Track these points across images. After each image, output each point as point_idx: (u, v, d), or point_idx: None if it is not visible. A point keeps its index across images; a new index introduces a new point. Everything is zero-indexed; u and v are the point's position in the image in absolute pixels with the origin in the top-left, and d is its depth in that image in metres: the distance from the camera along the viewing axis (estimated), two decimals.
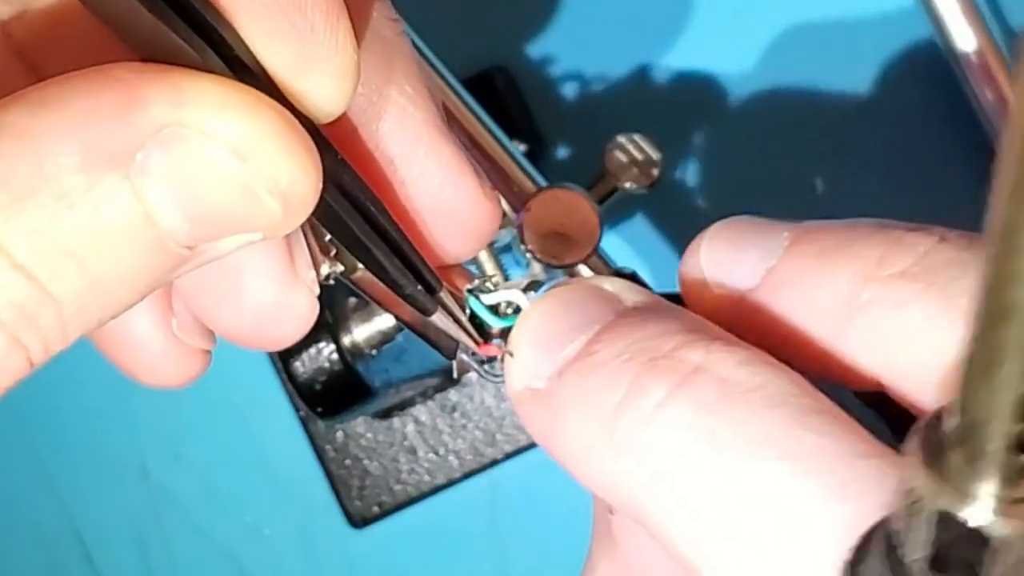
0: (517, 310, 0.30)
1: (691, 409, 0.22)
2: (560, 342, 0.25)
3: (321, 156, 0.23)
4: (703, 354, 0.23)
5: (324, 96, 0.23)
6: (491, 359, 0.31)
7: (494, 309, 0.30)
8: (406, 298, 0.28)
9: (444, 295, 0.29)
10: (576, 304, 0.25)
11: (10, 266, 0.21)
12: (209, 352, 0.29)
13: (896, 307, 0.23)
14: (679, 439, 0.22)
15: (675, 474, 0.22)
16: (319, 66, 0.23)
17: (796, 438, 0.22)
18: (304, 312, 0.28)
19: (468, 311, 0.30)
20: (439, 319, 0.29)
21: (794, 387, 0.22)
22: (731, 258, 0.26)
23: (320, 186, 0.23)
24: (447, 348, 0.30)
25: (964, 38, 0.64)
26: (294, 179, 0.22)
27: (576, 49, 0.74)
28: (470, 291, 0.30)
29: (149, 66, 0.22)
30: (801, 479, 0.21)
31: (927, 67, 0.68)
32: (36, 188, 0.20)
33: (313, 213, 0.23)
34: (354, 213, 0.25)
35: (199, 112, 0.21)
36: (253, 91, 0.22)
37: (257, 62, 0.23)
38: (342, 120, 0.25)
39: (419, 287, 0.28)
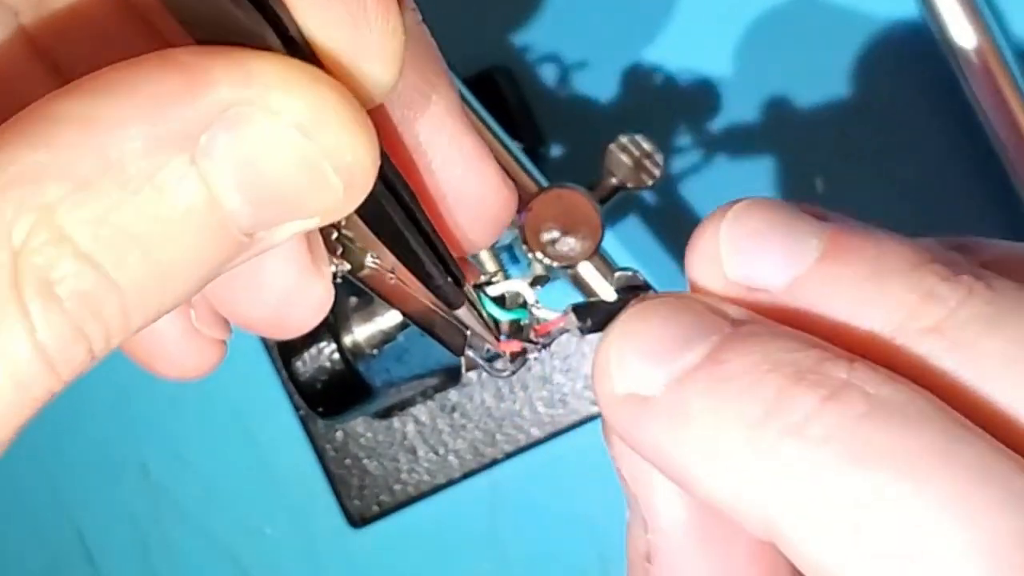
0: (524, 304, 0.30)
1: (841, 423, 0.22)
2: (673, 351, 0.25)
3: None
4: (847, 370, 0.23)
5: (374, 81, 0.23)
6: (497, 356, 0.31)
7: (500, 302, 0.30)
8: (436, 290, 0.28)
9: (468, 288, 0.29)
10: (685, 314, 0.25)
11: (74, 255, 0.20)
12: (225, 343, 0.28)
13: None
14: (828, 452, 0.22)
15: (820, 489, 0.22)
16: (370, 51, 0.23)
17: (948, 457, 0.21)
18: (322, 300, 0.28)
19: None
20: (464, 312, 0.29)
21: (936, 406, 0.22)
22: (753, 250, 0.26)
23: (379, 163, 0.23)
24: (455, 345, 0.30)
25: (964, 37, 0.65)
26: (356, 156, 0.22)
27: (577, 49, 0.74)
28: (476, 286, 0.30)
29: (210, 48, 0.21)
30: (952, 502, 0.21)
31: (927, 67, 0.68)
32: (100, 176, 0.20)
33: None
34: (392, 201, 0.25)
35: (264, 90, 0.21)
36: (315, 68, 0.22)
37: (310, 45, 0.22)
38: (377, 107, 0.25)
39: (448, 279, 0.28)
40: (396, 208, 0.25)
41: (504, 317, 0.30)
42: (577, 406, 0.72)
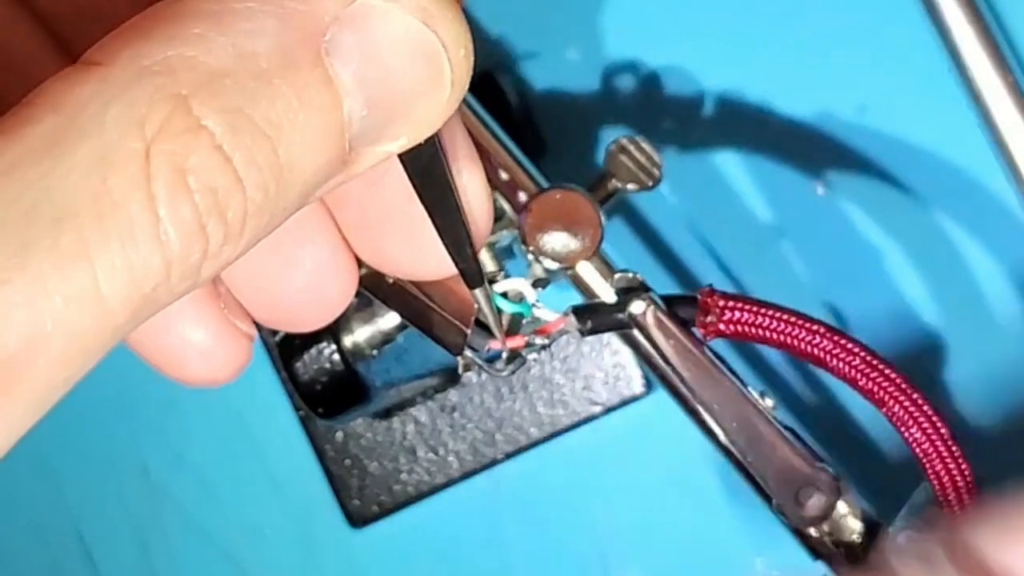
0: (521, 299, 0.30)
1: None
2: None
3: None
4: None
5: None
6: (496, 356, 0.31)
7: (504, 296, 0.30)
8: (464, 267, 0.28)
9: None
10: None
11: (210, 146, 0.20)
12: (252, 344, 0.28)
13: None
14: None
15: None
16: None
17: None
18: (348, 287, 0.28)
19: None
20: (481, 294, 0.29)
21: None
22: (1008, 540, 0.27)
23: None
24: (454, 345, 0.31)
25: (966, 37, 0.65)
26: (468, 50, 0.22)
27: (577, 49, 0.74)
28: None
29: None
30: None
31: (928, 67, 0.68)
32: (235, 67, 0.20)
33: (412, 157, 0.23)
34: (444, 169, 0.25)
35: None
36: None
37: None
38: None
39: (474, 256, 0.28)
40: (444, 167, 0.25)
41: (508, 309, 0.30)
42: (577, 407, 0.72)
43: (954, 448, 0.47)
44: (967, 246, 0.69)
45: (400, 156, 0.24)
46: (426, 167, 0.25)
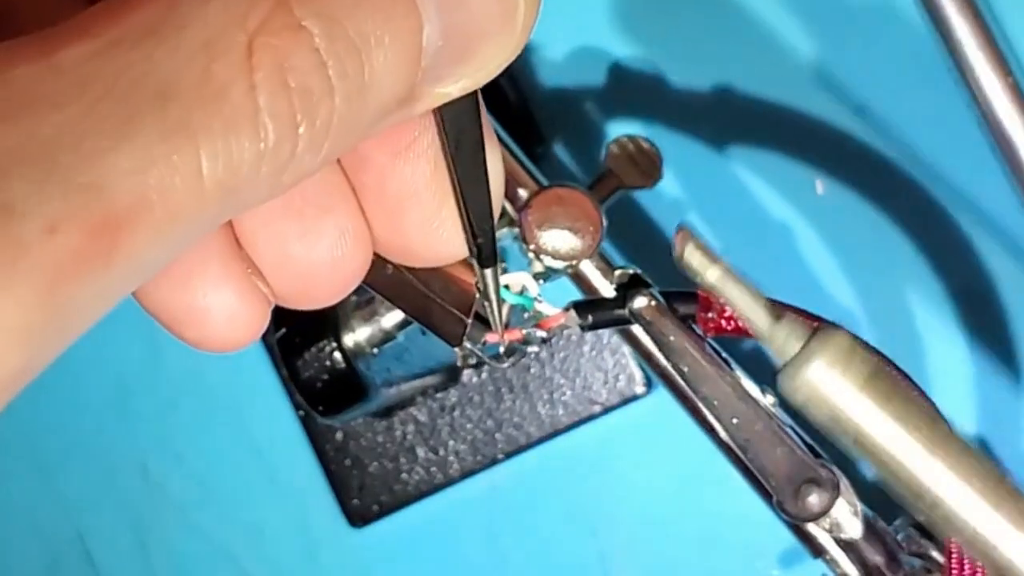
0: (523, 291, 0.30)
1: None
2: None
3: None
4: None
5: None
6: (495, 350, 0.31)
7: (506, 288, 0.30)
8: (482, 244, 0.28)
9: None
10: None
11: (309, 47, 0.20)
12: (271, 305, 0.28)
13: None
14: None
15: None
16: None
17: None
18: (362, 266, 0.28)
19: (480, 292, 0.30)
20: (490, 276, 0.29)
21: None
22: None
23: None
24: (453, 335, 0.30)
25: (965, 38, 0.65)
26: None
27: (577, 49, 0.74)
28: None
29: None
30: None
31: (928, 67, 0.68)
32: None
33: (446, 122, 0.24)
34: (479, 135, 0.25)
35: None
36: None
37: None
38: None
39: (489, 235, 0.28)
40: (479, 134, 0.26)
41: (511, 300, 0.30)
42: (576, 407, 0.72)
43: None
44: (967, 245, 0.70)
45: (442, 115, 0.24)
46: (463, 131, 0.25)
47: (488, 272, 0.29)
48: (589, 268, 0.52)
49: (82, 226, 0.18)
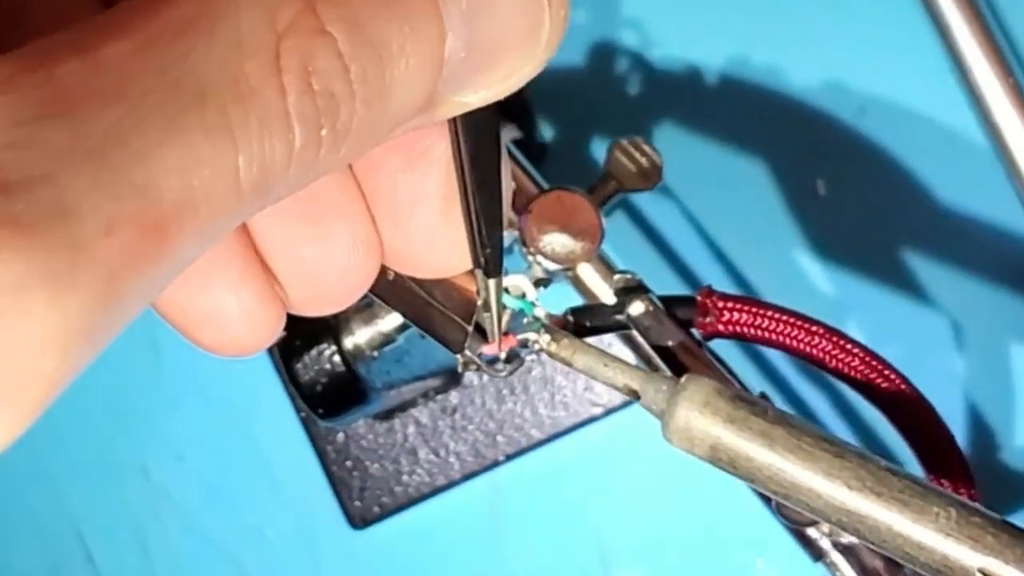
0: (522, 296, 0.30)
1: None
2: None
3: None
4: None
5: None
6: (494, 358, 0.31)
7: (505, 292, 0.30)
8: (488, 253, 0.28)
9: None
10: None
11: (334, 52, 0.20)
12: (286, 309, 0.28)
13: None
14: None
15: None
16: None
17: None
18: (371, 272, 0.28)
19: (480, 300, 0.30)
20: (492, 287, 0.29)
21: None
22: None
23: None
24: (454, 342, 0.31)
25: (966, 39, 0.65)
26: (566, 11, 0.23)
27: (578, 51, 0.74)
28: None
29: None
30: None
31: (928, 68, 0.68)
32: None
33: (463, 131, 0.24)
34: (497, 145, 0.26)
35: None
36: None
37: None
38: None
39: (495, 245, 0.28)
40: (497, 144, 0.26)
41: (511, 305, 0.30)
42: (578, 408, 0.72)
43: (955, 446, 0.47)
44: (967, 245, 0.69)
45: (462, 124, 0.25)
46: (482, 141, 0.25)
47: (492, 283, 0.29)
48: (588, 272, 0.52)
49: (135, 226, 0.19)
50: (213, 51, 0.20)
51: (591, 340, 0.66)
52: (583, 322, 0.47)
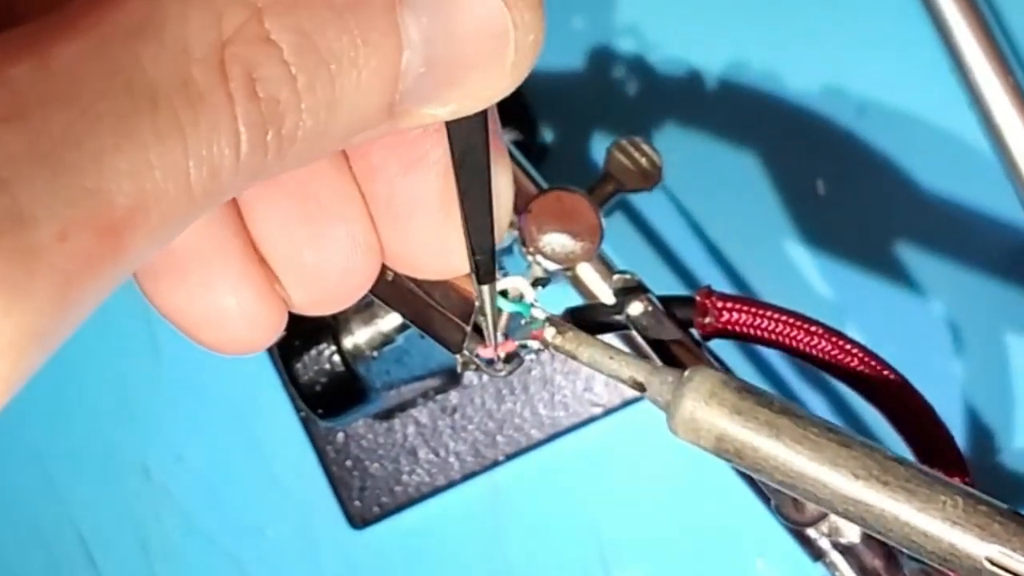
0: (521, 298, 0.30)
1: None
2: None
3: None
4: None
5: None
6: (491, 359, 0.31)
7: (502, 295, 0.30)
8: (480, 260, 0.28)
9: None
10: None
11: (278, 60, 0.20)
12: (286, 308, 0.28)
13: None
14: None
15: None
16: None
17: None
18: (371, 274, 0.28)
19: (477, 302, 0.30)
20: (487, 292, 0.29)
21: None
22: None
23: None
24: (453, 342, 0.31)
25: (966, 38, 0.64)
26: (537, 38, 0.23)
27: (578, 51, 0.74)
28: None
29: None
30: None
31: (928, 68, 0.68)
32: None
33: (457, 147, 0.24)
34: (486, 153, 0.26)
35: None
36: None
37: None
38: None
39: (489, 252, 0.28)
40: (486, 152, 0.26)
41: (508, 308, 0.30)
42: (578, 408, 0.72)
43: (953, 445, 0.47)
44: (967, 245, 0.69)
45: (449, 130, 0.24)
46: (469, 148, 0.25)
47: (485, 288, 0.29)
48: (588, 272, 0.52)
49: (90, 231, 0.19)
50: (162, 53, 0.20)
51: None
52: (582, 322, 0.47)
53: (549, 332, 0.31)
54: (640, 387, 0.31)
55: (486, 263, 0.28)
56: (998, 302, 0.69)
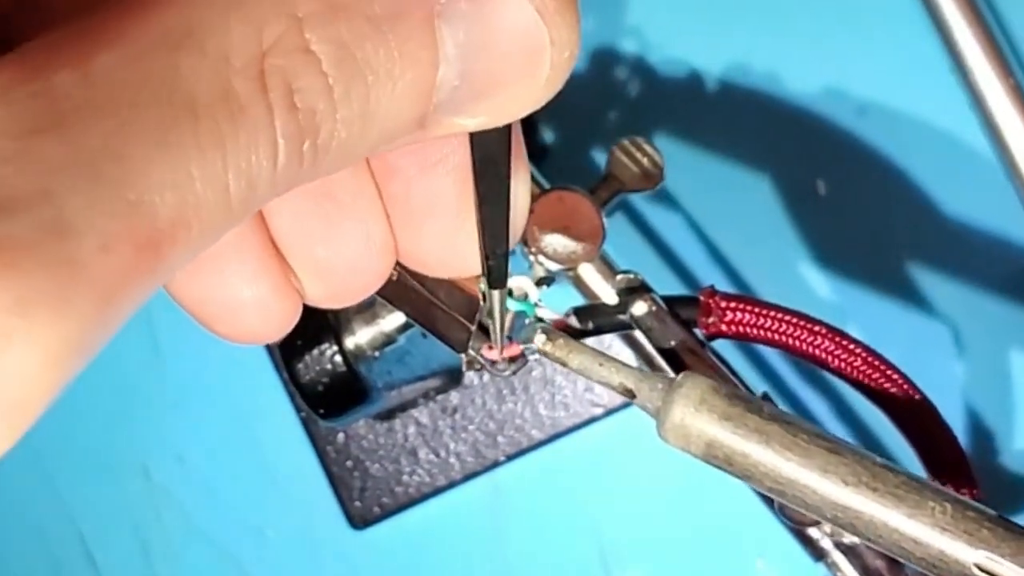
0: (525, 297, 0.30)
1: None
2: None
3: None
4: None
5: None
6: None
7: (508, 293, 0.31)
8: (493, 264, 0.28)
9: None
10: None
11: (317, 71, 0.21)
12: (301, 300, 0.28)
13: None
14: None
15: None
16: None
17: None
18: (385, 268, 0.28)
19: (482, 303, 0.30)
20: (496, 297, 0.29)
21: None
22: None
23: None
24: (458, 341, 0.31)
25: (965, 38, 0.65)
26: (572, 53, 0.23)
27: (580, 53, 0.74)
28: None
29: None
30: None
31: (928, 67, 0.68)
32: (350, 2, 0.21)
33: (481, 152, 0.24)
34: (508, 161, 0.26)
35: None
36: None
37: None
38: None
39: (502, 256, 0.28)
40: (508, 160, 0.26)
41: (513, 308, 0.31)
42: (578, 408, 0.72)
43: (957, 446, 0.47)
44: (967, 246, 0.70)
45: (472, 139, 0.25)
46: (491, 155, 0.25)
47: (495, 293, 0.29)
48: (590, 272, 0.52)
49: (131, 243, 0.19)
50: (203, 63, 0.20)
51: (591, 340, 0.66)
52: (586, 322, 0.47)
53: (539, 339, 0.31)
54: (630, 394, 0.31)
55: (498, 268, 0.28)
56: (998, 302, 0.69)
